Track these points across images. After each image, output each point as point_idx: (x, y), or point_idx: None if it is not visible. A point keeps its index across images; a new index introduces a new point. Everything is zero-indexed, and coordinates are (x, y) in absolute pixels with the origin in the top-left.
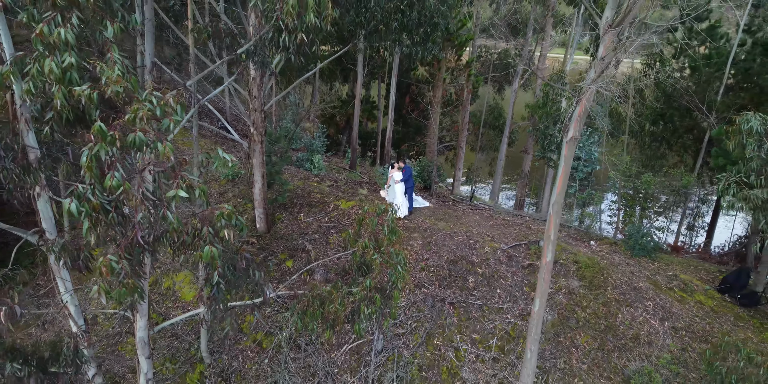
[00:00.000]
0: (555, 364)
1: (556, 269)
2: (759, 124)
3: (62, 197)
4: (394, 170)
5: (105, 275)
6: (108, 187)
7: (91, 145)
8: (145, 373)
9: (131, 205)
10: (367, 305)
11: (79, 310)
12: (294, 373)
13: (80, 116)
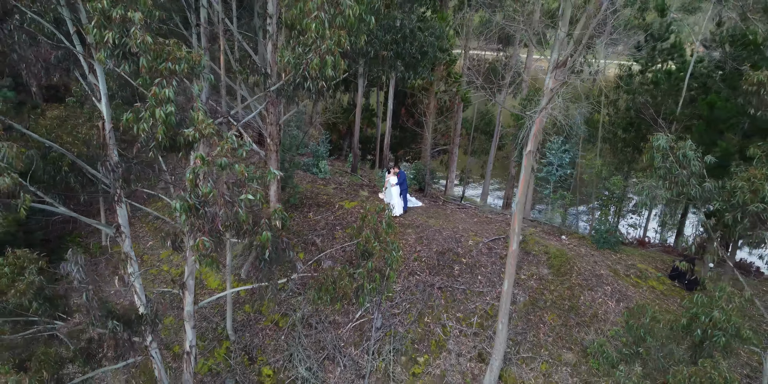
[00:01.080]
0: (525, 337)
1: (528, 259)
2: (665, 142)
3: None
4: (390, 175)
5: (201, 250)
6: (203, 193)
7: (194, 166)
8: (189, 340)
9: (217, 204)
10: (369, 282)
11: (142, 288)
12: (306, 347)
13: (172, 145)
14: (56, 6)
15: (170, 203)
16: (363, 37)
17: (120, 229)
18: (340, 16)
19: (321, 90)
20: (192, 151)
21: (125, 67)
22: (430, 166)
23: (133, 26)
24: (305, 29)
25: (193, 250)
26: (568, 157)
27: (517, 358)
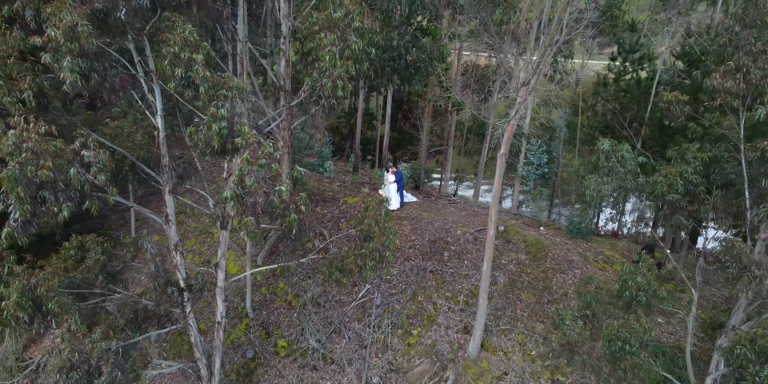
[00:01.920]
0: (505, 312)
1: (509, 247)
2: (608, 146)
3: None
4: (389, 173)
5: (249, 226)
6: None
7: (241, 165)
8: (220, 312)
9: (258, 194)
10: (371, 260)
11: (184, 265)
12: (316, 323)
13: (222, 150)
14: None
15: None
16: (365, 63)
17: (168, 218)
18: (348, 49)
19: (332, 106)
20: (237, 154)
21: (188, 93)
22: (426, 166)
23: (195, 64)
24: (320, 59)
25: (242, 227)
26: (546, 157)
27: (497, 330)
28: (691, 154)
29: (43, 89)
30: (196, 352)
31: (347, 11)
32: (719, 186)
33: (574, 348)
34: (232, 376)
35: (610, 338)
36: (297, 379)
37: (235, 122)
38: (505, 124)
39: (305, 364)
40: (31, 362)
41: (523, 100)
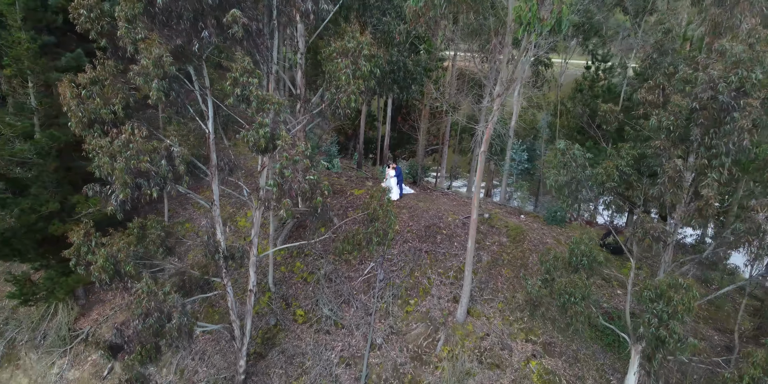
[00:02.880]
0: (488, 285)
1: (492, 231)
2: (563, 145)
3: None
4: (389, 169)
5: (287, 205)
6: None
7: (281, 160)
8: (252, 282)
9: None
10: (375, 237)
11: (224, 239)
12: (328, 295)
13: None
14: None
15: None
16: (372, 81)
17: (213, 202)
18: (359, 71)
19: (346, 114)
20: (276, 151)
21: (243, 106)
22: (422, 163)
23: (251, 86)
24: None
25: (282, 206)
26: (527, 155)
27: (481, 299)
28: (624, 151)
29: (128, 103)
30: (232, 315)
31: (358, 42)
32: (647, 176)
33: (535, 303)
34: (258, 340)
35: (560, 293)
36: (313, 342)
37: (275, 128)
38: (484, 127)
39: (320, 329)
40: (81, 332)
41: (497, 108)
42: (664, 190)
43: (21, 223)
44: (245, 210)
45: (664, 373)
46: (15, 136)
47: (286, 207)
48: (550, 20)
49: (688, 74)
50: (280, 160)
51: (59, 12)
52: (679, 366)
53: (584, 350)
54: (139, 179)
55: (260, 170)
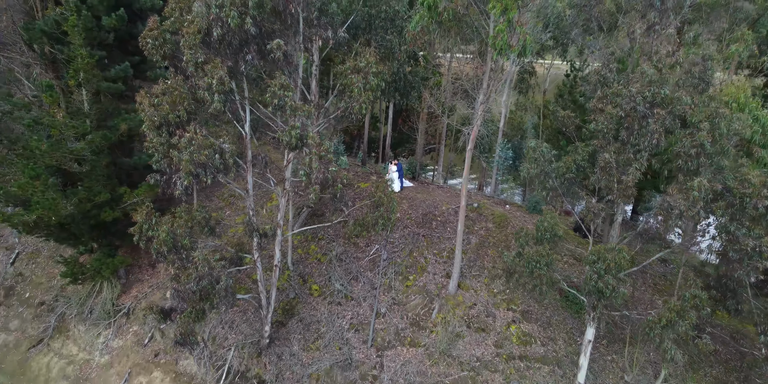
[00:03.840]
0: (476, 263)
1: (481, 218)
2: (534, 144)
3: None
4: (391, 165)
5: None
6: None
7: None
8: (277, 258)
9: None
10: (381, 220)
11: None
12: (339, 272)
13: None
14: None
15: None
16: (378, 92)
17: (248, 191)
18: (368, 84)
19: (358, 119)
20: (306, 148)
21: (279, 112)
22: (421, 161)
23: (287, 98)
24: (350, 90)
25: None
26: (512, 153)
27: (470, 275)
28: (581, 148)
29: (190, 110)
30: (260, 286)
31: (368, 62)
32: (601, 168)
33: (511, 271)
34: (279, 311)
35: (528, 261)
36: (326, 311)
37: (304, 130)
38: (470, 129)
39: (332, 301)
40: (123, 307)
41: (480, 113)
42: (600, 178)
43: (78, 210)
44: (263, 201)
45: (609, 321)
46: (74, 137)
47: (315, 192)
48: (518, 47)
49: (618, 90)
50: (308, 155)
51: (110, 31)
52: (621, 318)
53: (556, 317)
54: (198, 169)
55: (286, 165)
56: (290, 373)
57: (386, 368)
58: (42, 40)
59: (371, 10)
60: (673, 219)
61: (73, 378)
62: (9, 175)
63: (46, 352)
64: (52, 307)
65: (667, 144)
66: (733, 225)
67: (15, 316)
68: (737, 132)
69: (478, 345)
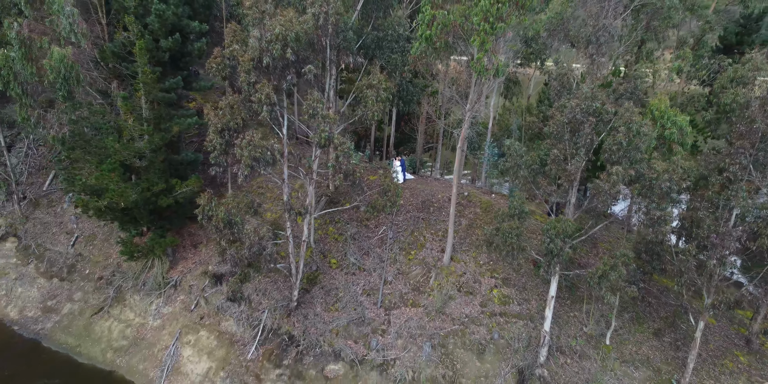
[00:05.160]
0: (465, 240)
1: (470, 205)
2: (509, 143)
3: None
4: (395, 160)
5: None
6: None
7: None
8: (305, 234)
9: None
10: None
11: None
12: (353, 249)
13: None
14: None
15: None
16: (387, 102)
17: (284, 180)
18: (380, 97)
19: (371, 123)
20: (331, 146)
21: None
22: (420, 158)
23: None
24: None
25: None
26: (497, 150)
27: (461, 250)
28: (542, 146)
29: (245, 118)
30: (290, 258)
31: (379, 80)
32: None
33: (489, 241)
34: (304, 281)
35: (502, 233)
36: (343, 280)
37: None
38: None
39: (348, 272)
40: (171, 280)
41: (468, 118)
42: (551, 168)
43: (141, 198)
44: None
45: (566, 280)
46: (139, 137)
47: (340, 179)
48: (492, 70)
49: (564, 103)
50: (334, 151)
51: (166, 51)
52: (575, 278)
53: (530, 283)
54: (254, 162)
55: (314, 159)
56: (314, 329)
57: (393, 323)
58: (112, 59)
59: (379, 33)
60: (601, 197)
61: (131, 338)
62: (84, 170)
63: (106, 317)
64: (110, 281)
65: (598, 142)
66: (644, 201)
67: (78, 289)
68: (645, 133)
69: (467, 305)
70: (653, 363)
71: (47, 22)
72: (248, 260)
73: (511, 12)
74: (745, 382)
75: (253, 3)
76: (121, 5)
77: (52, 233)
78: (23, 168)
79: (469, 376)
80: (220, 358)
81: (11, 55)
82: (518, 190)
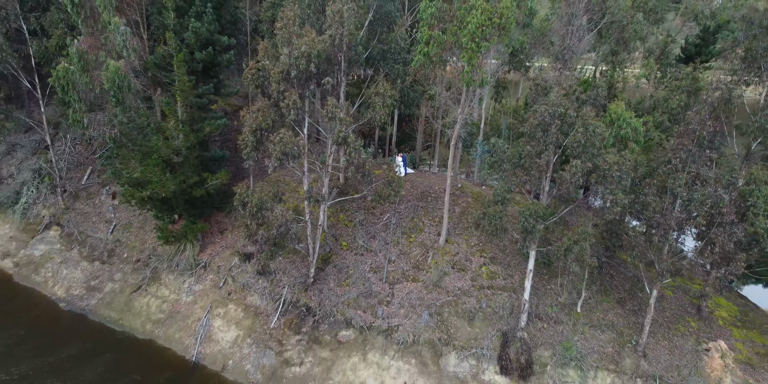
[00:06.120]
0: (458, 225)
1: (463, 195)
2: (494, 141)
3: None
4: (397, 156)
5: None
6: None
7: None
8: (321, 219)
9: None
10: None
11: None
12: (362, 233)
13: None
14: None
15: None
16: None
17: (305, 173)
18: (386, 103)
19: (378, 125)
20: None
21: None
22: (420, 155)
23: (336, 112)
24: (373, 106)
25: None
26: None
27: (455, 233)
28: (520, 143)
29: (275, 120)
30: (309, 239)
31: (385, 88)
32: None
33: (477, 223)
34: (319, 261)
35: (488, 216)
36: (353, 260)
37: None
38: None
39: (357, 253)
40: (201, 261)
41: (461, 118)
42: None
43: (178, 189)
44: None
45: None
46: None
47: (352, 171)
48: (478, 81)
49: (536, 107)
50: (348, 147)
51: (200, 62)
52: (549, 253)
53: (514, 261)
54: (283, 156)
55: (329, 155)
56: (328, 302)
57: (396, 296)
58: (153, 69)
59: (384, 46)
60: (565, 185)
61: (167, 312)
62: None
63: (144, 294)
64: (147, 263)
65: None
66: (599, 187)
67: (117, 271)
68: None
69: (459, 280)
70: (617, 327)
71: (102, 38)
72: (275, 240)
73: (494, 33)
74: (694, 342)
75: (283, 25)
76: (161, 23)
77: (92, 222)
78: (63, 164)
79: (460, 338)
80: (246, 327)
81: (71, 68)
82: (502, 180)
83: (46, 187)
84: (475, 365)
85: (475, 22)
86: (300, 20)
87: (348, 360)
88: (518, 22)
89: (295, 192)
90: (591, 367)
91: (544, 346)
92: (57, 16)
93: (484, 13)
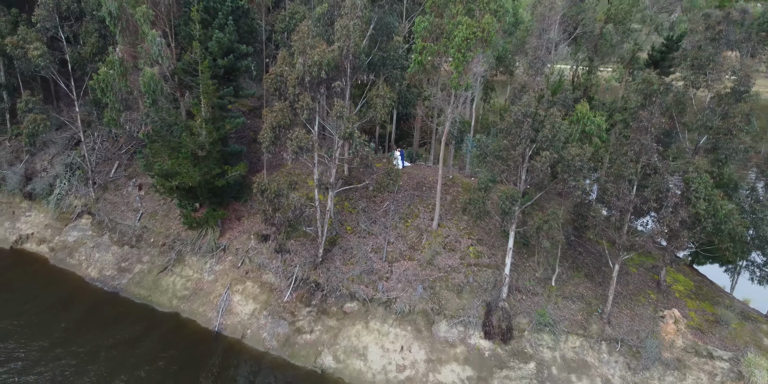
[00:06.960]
0: (449, 211)
1: (454, 185)
2: (479, 136)
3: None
4: (396, 151)
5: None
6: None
7: (356, 143)
8: (329, 205)
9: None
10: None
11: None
12: (364, 218)
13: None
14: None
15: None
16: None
17: (315, 164)
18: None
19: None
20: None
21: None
22: (416, 151)
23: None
24: (374, 106)
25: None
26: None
27: (446, 219)
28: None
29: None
30: (318, 223)
31: (385, 91)
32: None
33: (465, 208)
34: (326, 243)
35: (473, 201)
36: (357, 242)
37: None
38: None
39: (360, 236)
40: (221, 245)
41: (451, 117)
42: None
43: (203, 179)
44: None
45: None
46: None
47: (357, 161)
48: (464, 85)
49: (512, 107)
50: (354, 142)
51: (221, 68)
52: (524, 232)
53: (498, 242)
54: (298, 150)
55: (336, 149)
56: (335, 278)
57: (394, 272)
58: (181, 74)
59: (384, 53)
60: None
61: (191, 289)
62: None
63: (170, 274)
64: (172, 247)
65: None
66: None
67: (145, 254)
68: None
69: (450, 258)
70: (586, 298)
71: (139, 48)
72: (290, 222)
73: (478, 45)
74: (652, 311)
75: (299, 37)
76: (187, 33)
77: (120, 211)
78: (93, 159)
79: (450, 308)
80: (262, 301)
81: (110, 72)
82: (486, 171)
83: (77, 179)
84: (463, 331)
85: (461, 36)
86: (312, 33)
87: (352, 328)
88: (504, 31)
89: (304, 183)
90: (562, 331)
91: (523, 315)
92: (92, 26)
93: (469, 27)
